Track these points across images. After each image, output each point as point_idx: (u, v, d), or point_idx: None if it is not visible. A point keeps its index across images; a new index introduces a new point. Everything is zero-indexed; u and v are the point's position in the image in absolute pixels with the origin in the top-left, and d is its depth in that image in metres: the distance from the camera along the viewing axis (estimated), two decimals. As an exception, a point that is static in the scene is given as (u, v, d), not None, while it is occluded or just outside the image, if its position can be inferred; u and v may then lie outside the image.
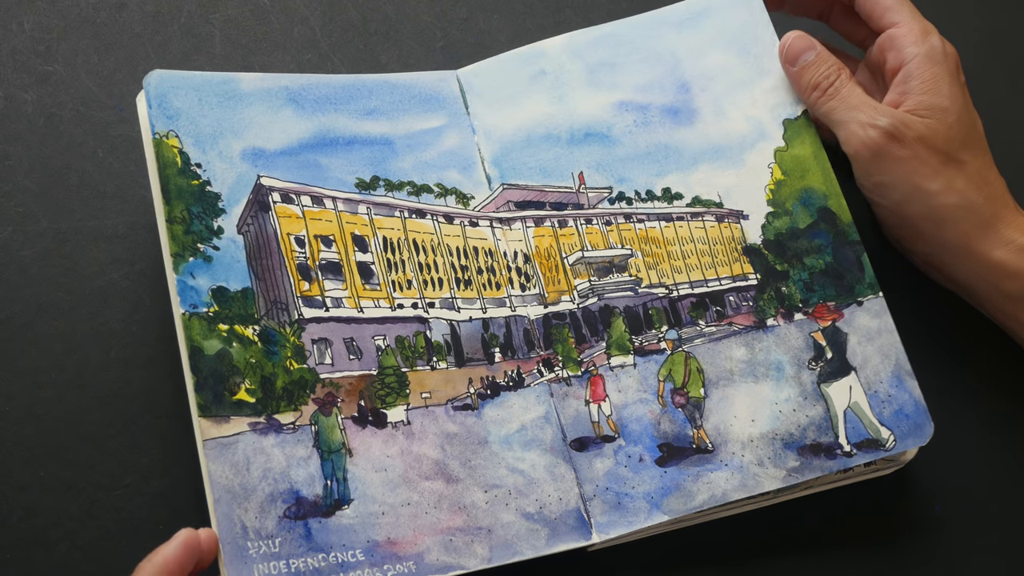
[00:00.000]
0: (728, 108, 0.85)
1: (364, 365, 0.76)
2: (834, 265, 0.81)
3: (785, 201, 0.82)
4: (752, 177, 0.83)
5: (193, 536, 0.67)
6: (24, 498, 0.75)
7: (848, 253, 0.81)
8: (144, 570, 0.65)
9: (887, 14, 0.83)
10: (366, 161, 0.80)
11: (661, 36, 0.86)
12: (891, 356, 0.79)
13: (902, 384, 0.78)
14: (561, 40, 0.86)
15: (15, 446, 0.76)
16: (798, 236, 0.82)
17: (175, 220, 0.73)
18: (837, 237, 0.81)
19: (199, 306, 0.72)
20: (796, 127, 0.84)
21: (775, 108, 0.84)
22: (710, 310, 0.83)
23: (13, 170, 0.82)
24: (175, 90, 0.77)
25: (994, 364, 0.85)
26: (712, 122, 0.84)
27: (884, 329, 0.79)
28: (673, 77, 0.85)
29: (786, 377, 0.79)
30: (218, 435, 0.70)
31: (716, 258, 0.84)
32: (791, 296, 0.81)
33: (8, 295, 0.80)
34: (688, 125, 0.84)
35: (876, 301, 0.80)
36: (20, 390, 0.78)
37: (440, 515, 0.73)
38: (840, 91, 0.82)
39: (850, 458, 0.76)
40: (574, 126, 0.84)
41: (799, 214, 0.82)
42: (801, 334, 0.80)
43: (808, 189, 0.82)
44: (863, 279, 0.80)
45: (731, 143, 0.84)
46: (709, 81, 0.85)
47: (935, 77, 0.80)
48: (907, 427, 0.77)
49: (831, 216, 0.82)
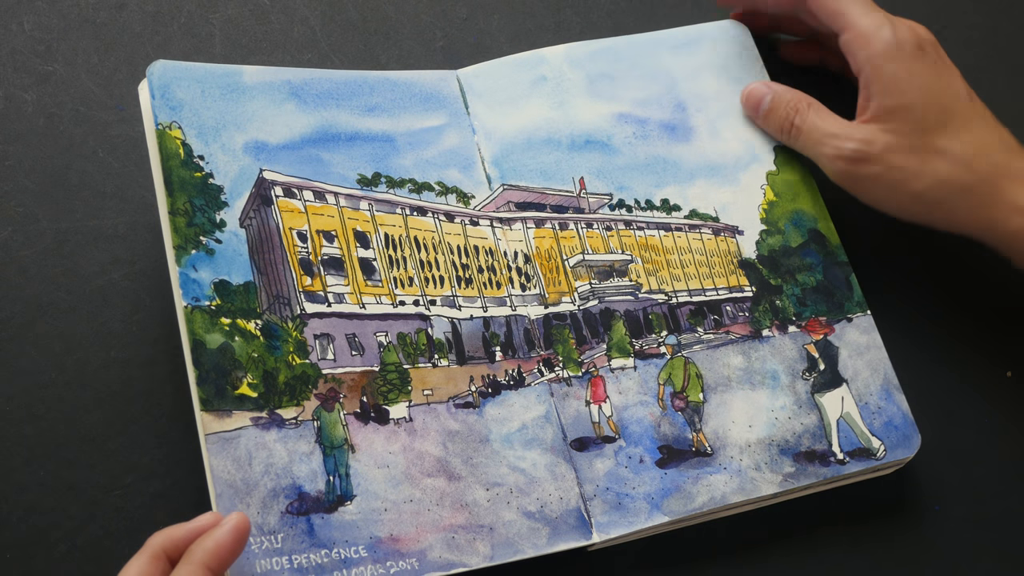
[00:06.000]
0: (722, 129, 0.87)
1: (366, 361, 0.76)
2: (825, 283, 0.84)
3: (778, 220, 0.85)
4: (746, 195, 0.86)
5: (244, 522, 0.65)
6: (24, 498, 0.75)
7: (837, 272, 0.84)
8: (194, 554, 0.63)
9: (835, 20, 0.82)
10: (368, 157, 0.80)
11: (658, 56, 0.88)
12: (879, 370, 0.81)
13: (890, 397, 0.81)
14: (562, 49, 0.87)
15: (15, 446, 0.76)
16: (790, 254, 0.84)
17: (178, 212, 0.73)
18: (827, 257, 0.84)
19: (201, 299, 0.72)
20: (786, 154, 0.87)
21: (765, 135, 0.87)
22: (708, 318, 0.84)
23: (13, 170, 0.82)
24: (178, 81, 0.77)
25: (993, 364, 0.85)
26: (708, 141, 0.87)
27: (872, 345, 0.82)
28: (670, 96, 0.87)
29: (781, 386, 0.80)
30: (220, 429, 0.70)
31: (713, 269, 0.86)
32: (785, 309, 0.83)
33: (8, 295, 0.79)
34: (685, 142, 0.86)
35: (864, 319, 0.83)
36: (20, 390, 0.77)
37: (442, 512, 0.73)
38: (802, 130, 0.83)
39: (843, 466, 0.78)
40: (575, 132, 0.85)
41: (791, 233, 0.85)
42: (795, 345, 0.82)
43: (799, 211, 0.85)
44: (852, 297, 0.83)
45: (726, 162, 0.86)
46: (704, 103, 0.87)
47: (890, 76, 0.79)
48: (896, 438, 0.79)
49: (821, 238, 0.85)
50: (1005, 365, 0.85)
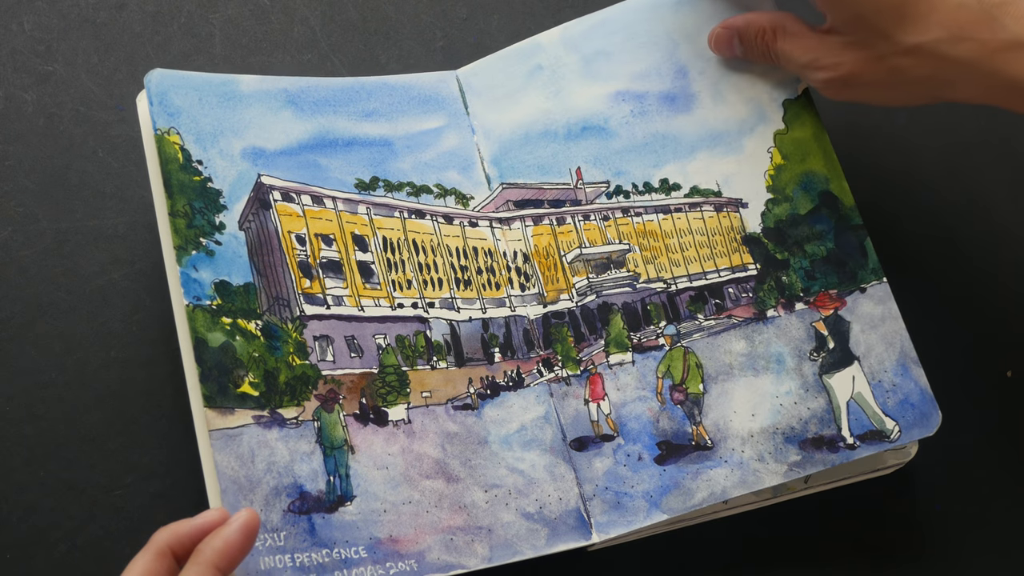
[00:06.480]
0: (727, 92, 0.83)
1: (365, 363, 0.76)
2: (836, 251, 0.79)
3: (785, 187, 0.81)
4: (751, 163, 0.82)
5: (253, 519, 0.64)
6: (24, 498, 0.75)
7: (851, 238, 0.79)
8: (203, 554, 0.62)
9: None
10: (365, 162, 0.80)
11: (658, 18, 0.85)
12: (895, 344, 0.77)
13: (907, 372, 0.76)
14: (557, 32, 0.85)
15: (15, 446, 0.76)
16: (799, 223, 0.80)
17: (178, 214, 0.73)
18: (839, 222, 0.80)
19: (202, 299, 0.72)
20: (796, 108, 0.82)
21: (774, 88, 0.83)
22: (709, 303, 0.82)
23: (13, 170, 0.82)
24: (175, 89, 0.77)
25: (998, 360, 0.85)
26: (710, 107, 0.83)
27: (888, 316, 0.77)
28: (671, 62, 0.84)
29: (787, 369, 0.77)
30: (224, 426, 0.70)
31: (715, 249, 0.83)
32: (792, 285, 0.80)
33: (8, 295, 0.80)
34: (686, 112, 0.83)
35: (880, 287, 0.78)
36: (20, 390, 0.78)
37: (441, 514, 0.73)
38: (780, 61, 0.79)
39: (853, 451, 0.75)
40: (571, 120, 0.83)
41: (800, 200, 0.80)
42: (802, 324, 0.78)
43: (809, 173, 0.81)
44: (866, 264, 0.78)
45: (730, 129, 0.83)
46: (707, 64, 0.84)
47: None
48: (913, 417, 0.75)
49: (833, 200, 0.80)
50: (1005, 365, 0.85)
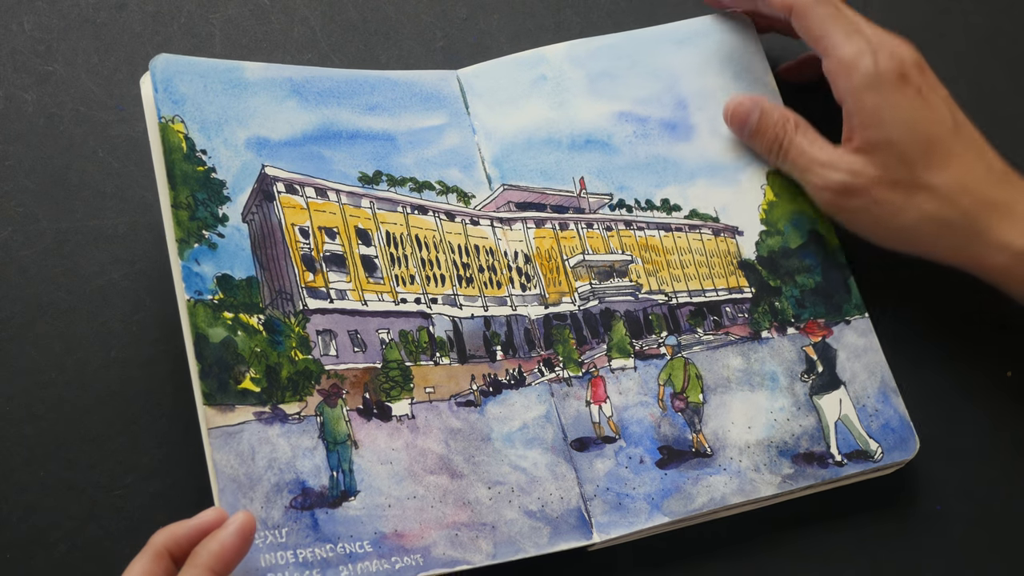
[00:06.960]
0: (723, 128, 0.86)
1: (368, 358, 0.76)
2: (823, 285, 0.84)
3: (777, 221, 0.85)
4: (746, 196, 0.85)
5: (249, 522, 0.65)
6: (24, 498, 0.75)
7: (836, 275, 0.84)
8: (199, 557, 0.63)
9: (817, 44, 0.80)
10: (369, 155, 0.80)
11: (661, 52, 0.88)
12: (877, 373, 0.81)
13: (888, 400, 0.81)
14: (562, 48, 0.87)
15: (15, 446, 0.76)
16: (790, 255, 0.84)
17: (180, 205, 0.73)
18: (826, 259, 0.84)
19: (204, 293, 0.72)
20: None
21: None
22: (707, 319, 0.84)
23: (13, 170, 0.82)
24: (180, 75, 0.77)
25: (993, 364, 0.85)
26: (708, 140, 0.86)
27: (870, 348, 0.82)
28: (671, 94, 0.87)
29: (780, 387, 0.81)
30: (223, 424, 0.69)
31: (713, 270, 0.86)
32: (784, 311, 0.83)
33: (8, 295, 0.79)
34: (686, 141, 0.86)
35: (862, 321, 0.83)
36: (20, 390, 0.77)
37: (445, 509, 0.73)
38: (790, 153, 0.82)
39: (841, 467, 0.79)
40: (575, 132, 0.85)
41: (791, 234, 0.84)
42: (794, 347, 0.82)
43: (799, 212, 0.85)
44: (850, 300, 0.83)
45: (726, 162, 0.86)
46: (705, 100, 0.87)
47: (873, 109, 0.77)
48: (893, 440, 0.80)
49: (820, 239, 0.85)
50: (1005, 365, 0.85)
